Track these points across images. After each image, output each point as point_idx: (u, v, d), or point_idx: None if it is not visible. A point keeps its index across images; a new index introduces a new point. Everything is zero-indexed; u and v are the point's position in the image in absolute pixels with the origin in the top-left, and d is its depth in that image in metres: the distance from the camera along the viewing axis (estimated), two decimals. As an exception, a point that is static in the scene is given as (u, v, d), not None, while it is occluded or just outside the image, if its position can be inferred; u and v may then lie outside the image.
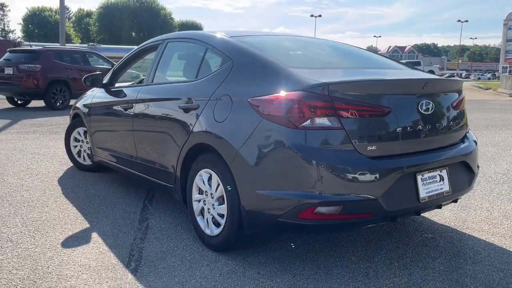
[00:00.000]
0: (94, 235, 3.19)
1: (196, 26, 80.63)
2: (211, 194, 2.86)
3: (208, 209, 2.91)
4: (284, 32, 5.80)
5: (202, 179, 2.94)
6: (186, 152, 3.02)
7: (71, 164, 5.24)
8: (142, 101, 3.64)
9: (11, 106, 12.62)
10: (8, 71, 11.53)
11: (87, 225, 3.38)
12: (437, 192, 2.67)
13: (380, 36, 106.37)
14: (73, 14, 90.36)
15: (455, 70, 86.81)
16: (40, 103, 12.72)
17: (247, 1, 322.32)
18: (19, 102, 12.69)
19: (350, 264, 2.73)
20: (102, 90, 4.45)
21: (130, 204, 3.91)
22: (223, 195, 2.74)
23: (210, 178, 2.86)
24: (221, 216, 2.79)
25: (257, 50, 2.90)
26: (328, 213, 2.35)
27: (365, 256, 2.84)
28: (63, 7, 17.81)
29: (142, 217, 3.58)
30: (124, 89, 4.06)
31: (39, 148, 6.37)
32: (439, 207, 2.78)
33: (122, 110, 3.89)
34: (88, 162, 5.02)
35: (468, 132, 3.09)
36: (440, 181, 2.71)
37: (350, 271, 2.64)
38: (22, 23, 77.14)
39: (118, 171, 4.39)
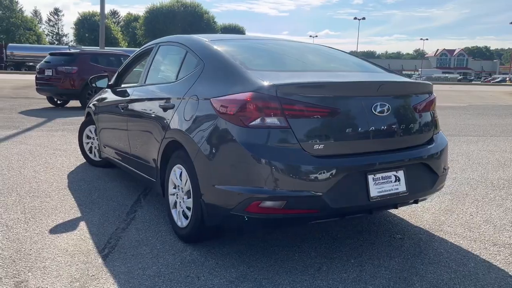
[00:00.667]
0: (82, 224, 3.46)
1: (238, 30, 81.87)
2: (182, 188, 3.06)
3: (180, 202, 3.11)
4: (272, 37, 6.00)
5: (175, 174, 3.14)
6: (163, 148, 3.24)
7: (85, 160, 5.61)
8: (134, 100, 3.90)
9: (50, 105, 13.39)
10: (48, 72, 12.27)
11: (79, 215, 3.66)
12: (391, 192, 2.73)
13: (427, 39, 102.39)
14: (122, 19, 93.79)
15: (508, 74, 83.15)
16: (77, 103, 13.42)
17: (292, 4, 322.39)
18: (58, 102, 13.43)
19: (307, 259, 2.84)
20: (109, 90, 4.77)
21: (125, 197, 4.18)
22: (189, 189, 2.93)
23: (181, 174, 3.06)
24: (189, 209, 2.98)
25: (226, 54, 3.07)
26: (273, 207, 2.48)
27: (325, 253, 2.94)
28: (103, 13, 18.69)
29: (131, 210, 3.83)
30: (123, 90, 4.35)
31: (62, 144, 6.81)
32: (395, 206, 2.85)
33: (120, 109, 4.17)
34: (97, 158, 5.36)
35: (436, 134, 3.12)
36: (395, 181, 2.77)
37: (304, 265, 2.75)
38: (74, 27, 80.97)
39: (119, 167, 4.68)
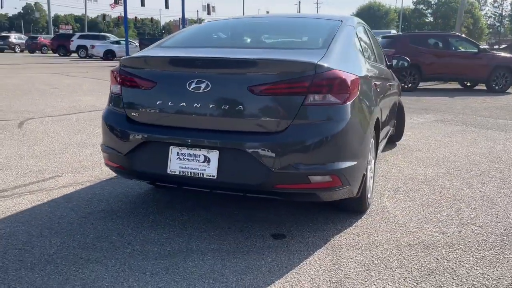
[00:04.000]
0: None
1: None
2: None
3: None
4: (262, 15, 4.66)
5: None
6: None
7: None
8: None
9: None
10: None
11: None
12: (195, 171, 2.62)
13: None
14: None
15: None
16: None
17: None
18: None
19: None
20: None
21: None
22: None
23: None
24: None
25: (176, 33, 3.53)
26: (107, 159, 3.02)
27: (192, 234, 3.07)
28: None
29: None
30: None
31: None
32: (201, 187, 2.71)
33: None
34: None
35: (297, 125, 2.50)
36: (204, 161, 2.61)
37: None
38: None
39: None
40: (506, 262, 2.56)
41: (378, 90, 3.53)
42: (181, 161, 2.68)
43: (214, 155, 2.61)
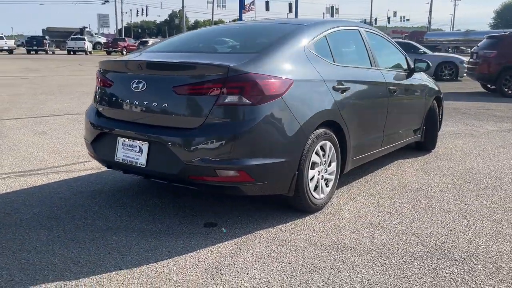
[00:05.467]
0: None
1: None
2: None
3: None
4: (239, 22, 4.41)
5: None
6: None
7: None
8: None
9: (483, 90, 13.22)
10: (475, 57, 12.30)
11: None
12: (132, 160, 3.02)
13: None
14: None
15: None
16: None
17: None
18: (490, 87, 13.00)
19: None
20: None
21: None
22: None
23: None
24: None
25: (168, 39, 3.98)
26: (86, 147, 3.58)
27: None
28: None
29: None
30: None
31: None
32: (137, 173, 3.12)
33: None
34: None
35: (209, 122, 2.75)
36: (138, 152, 2.99)
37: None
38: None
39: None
40: (402, 271, 2.49)
41: (352, 93, 3.55)
42: (124, 151, 3.11)
43: (145, 147, 2.99)
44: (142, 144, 3.02)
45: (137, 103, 3.05)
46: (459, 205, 3.57)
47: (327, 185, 3.45)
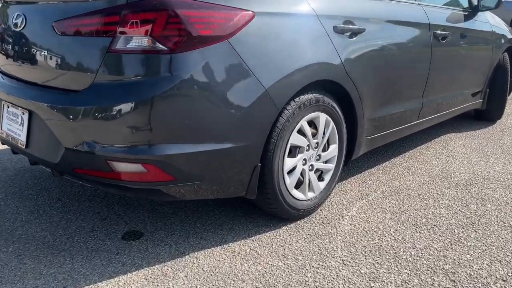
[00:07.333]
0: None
1: None
2: None
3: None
4: None
5: None
6: None
7: None
8: None
9: None
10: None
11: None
12: (14, 135, 2.02)
13: None
14: None
15: None
16: None
17: None
18: None
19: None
20: None
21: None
22: None
23: None
24: None
25: None
26: None
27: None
28: None
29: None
30: None
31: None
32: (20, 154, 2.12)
33: None
34: None
35: (94, 83, 1.62)
36: (20, 124, 1.96)
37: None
38: None
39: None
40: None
41: (369, 39, 2.30)
42: (9, 121, 2.09)
43: (26, 117, 1.94)
44: (23, 113, 1.97)
45: (16, 48, 1.99)
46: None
47: (321, 179, 2.28)
